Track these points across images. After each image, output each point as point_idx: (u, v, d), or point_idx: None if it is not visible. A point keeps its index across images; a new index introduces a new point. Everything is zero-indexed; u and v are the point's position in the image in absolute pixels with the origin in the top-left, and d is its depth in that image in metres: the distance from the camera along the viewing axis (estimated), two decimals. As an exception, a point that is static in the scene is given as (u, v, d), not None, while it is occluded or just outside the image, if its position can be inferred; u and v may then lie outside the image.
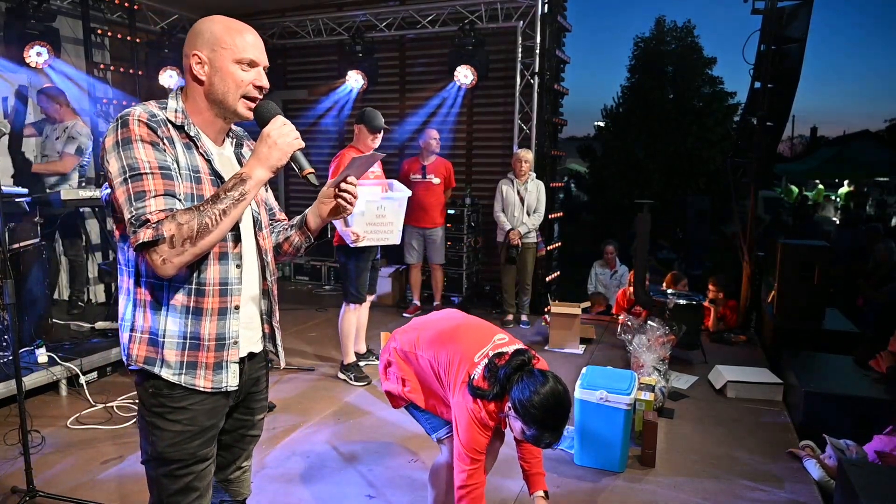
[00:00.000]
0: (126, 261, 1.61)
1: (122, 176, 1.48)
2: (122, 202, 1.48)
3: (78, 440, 3.53)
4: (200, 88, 1.61)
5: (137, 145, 1.50)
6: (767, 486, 3.11)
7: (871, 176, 18.07)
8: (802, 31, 5.26)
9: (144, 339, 1.59)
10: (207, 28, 1.61)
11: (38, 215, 4.73)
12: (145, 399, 1.62)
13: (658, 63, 17.42)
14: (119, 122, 1.52)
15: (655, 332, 4.17)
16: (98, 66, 6.18)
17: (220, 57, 1.59)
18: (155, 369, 1.59)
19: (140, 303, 1.59)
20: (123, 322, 1.63)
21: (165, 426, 1.61)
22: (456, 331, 2.37)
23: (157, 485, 1.66)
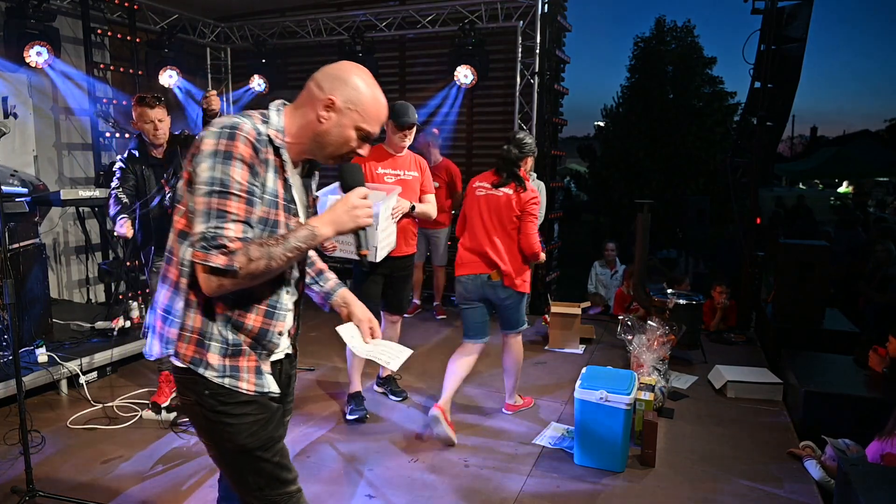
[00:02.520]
0: (184, 260, 1.60)
1: (210, 186, 1.51)
2: (200, 211, 1.51)
3: (78, 440, 3.53)
4: (315, 124, 1.65)
5: (236, 163, 1.52)
6: (767, 486, 3.11)
7: (871, 176, 18.09)
8: (802, 31, 5.26)
9: (194, 339, 1.63)
10: (356, 84, 1.65)
11: (37, 215, 4.74)
12: (204, 399, 1.64)
13: (658, 63, 17.44)
14: (227, 131, 1.53)
15: (655, 332, 4.17)
16: (98, 65, 6.17)
17: (349, 116, 1.64)
18: (199, 370, 1.62)
19: (192, 303, 1.62)
20: (171, 317, 1.64)
21: (237, 420, 1.65)
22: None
23: (251, 474, 1.69)
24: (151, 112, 3.65)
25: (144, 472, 3.18)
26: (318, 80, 1.67)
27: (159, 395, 3.92)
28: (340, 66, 1.69)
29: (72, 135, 6.28)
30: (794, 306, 4.90)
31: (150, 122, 3.67)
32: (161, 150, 3.77)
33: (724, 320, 5.74)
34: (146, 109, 3.64)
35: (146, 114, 3.65)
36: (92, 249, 6.34)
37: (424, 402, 4.12)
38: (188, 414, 1.74)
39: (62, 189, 4.87)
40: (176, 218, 1.63)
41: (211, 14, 7.51)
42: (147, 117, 3.65)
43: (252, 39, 7.51)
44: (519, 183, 3.59)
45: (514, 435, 3.65)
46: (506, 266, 3.59)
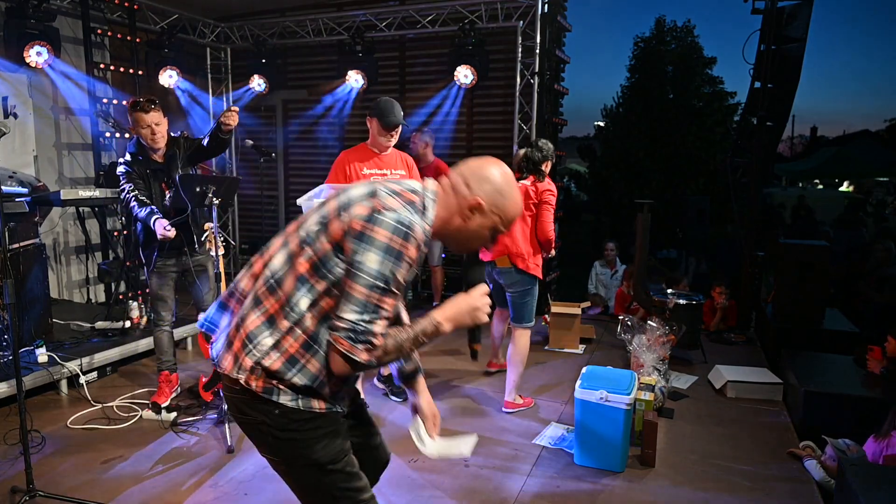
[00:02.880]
0: (292, 302, 1.61)
1: (374, 280, 1.52)
2: (357, 300, 1.52)
3: (78, 440, 3.53)
4: (457, 221, 1.69)
5: (404, 265, 1.55)
6: (767, 486, 3.11)
7: (871, 176, 18.09)
8: (802, 31, 5.26)
9: (265, 377, 1.62)
10: (502, 188, 1.68)
11: (37, 215, 4.74)
12: (273, 418, 1.64)
13: (658, 63, 17.43)
14: (402, 230, 1.54)
15: (655, 332, 4.18)
16: (98, 65, 6.17)
17: (491, 218, 1.69)
18: (272, 397, 1.62)
19: (281, 349, 1.61)
20: (252, 347, 1.62)
21: (308, 436, 1.66)
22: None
23: (324, 488, 1.71)
24: (147, 117, 3.58)
25: (144, 472, 3.18)
26: (465, 176, 1.69)
27: (159, 395, 3.92)
28: (487, 166, 1.71)
29: (72, 135, 6.28)
30: (794, 306, 4.90)
31: (147, 127, 3.61)
32: (160, 154, 3.72)
33: (723, 320, 5.74)
34: (141, 114, 3.58)
35: (142, 119, 3.58)
36: (92, 249, 6.34)
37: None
38: (250, 432, 1.71)
39: (62, 189, 4.87)
40: (300, 260, 1.62)
41: (211, 14, 7.51)
42: (143, 122, 3.59)
43: (252, 39, 7.51)
44: (538, 176, 3.95)
45: (514, 435, 3.65)
46: (517, 248, 3.84)
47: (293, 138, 8.17)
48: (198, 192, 3.48)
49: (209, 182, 3.51)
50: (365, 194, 1.62)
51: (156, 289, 3.85)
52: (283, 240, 1.72)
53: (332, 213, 1.62)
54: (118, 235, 6.10)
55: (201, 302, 4.00)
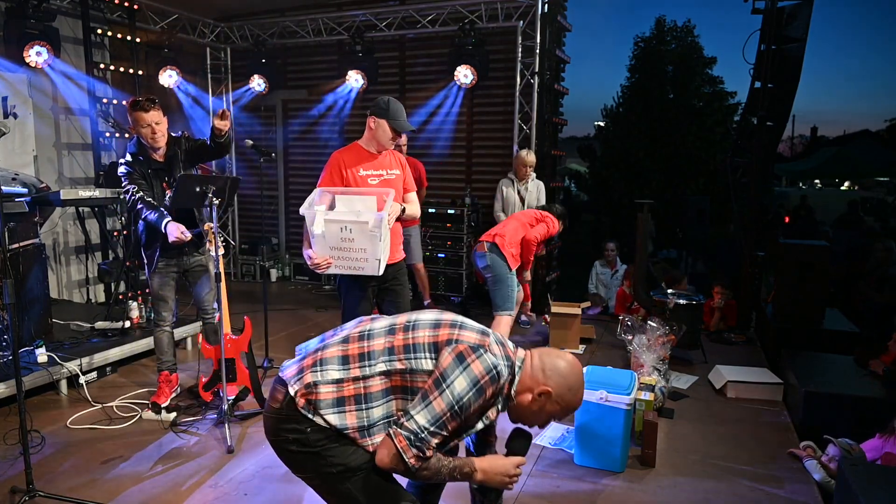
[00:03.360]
0: (371, 362, 1.77)
1: (455, 400, 1.68)
2: (434, 410, 1.68)
3: (78, 440, 3.53)
4: (528, 396, 1.85)
5: (481, 400, 1.72)
6: (767, 486, 3.11)
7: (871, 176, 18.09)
8: (802, 31, 5.26)
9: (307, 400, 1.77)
10: (571, 386, 1.88)
11: (37, 215, 4.73)
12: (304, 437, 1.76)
13: (658, 63, 17.42)
14: (494, 374, 1.72)
15: (655, 332, 4.17)
16: (98, 65, 6.17)
17: (554, 405, 1.87)
18: (308, 414, 1.76)
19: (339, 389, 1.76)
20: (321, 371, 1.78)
21: (338, 447, 1.77)
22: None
23: (360, 492, 1.79)
24: (147, 116, 3.56)
25: (144, 472, 3.18)
26: (545, 363, 1.87)
27: (159, 395, 3.92)
28: (563, 361, 1.90)
29: (72, 135, 6.28)
30: (794, 306, 4.90)
31: (147, 126, 3.58)
32: (161, 153, 3.70)
33: (723, 320, 5.74)
34: (141, 114, 3.55)
35: (142, 118, 3.56)
36: (92, 249, 6.34)
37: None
38: (283, 453, 1.83)
39: (62, 189, 4.87)
40: (398, 336, 1.80)
41: (211, 14, 7.51)
42: (143, 121, 3.57)
43: (252, 39, 7.51)
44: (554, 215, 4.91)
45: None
46: (503, 235, 4.53)
47: (293, 138, 8.17)
48: (198, 192, 3.47)
49: (209, 182, 3.50)
50: (479, 329, 1.83)
51: (157, 289, 3.84)
52: (389, 324, 1.87)
53: (446, 321, 1.82)
54: (118, 235, 6.10)
55: (202, 302, 4.00)
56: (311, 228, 3.18)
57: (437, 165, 7.03)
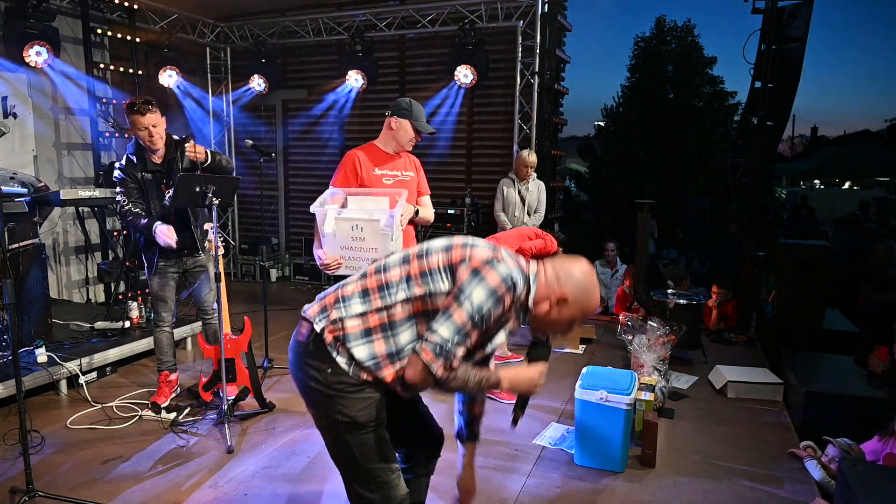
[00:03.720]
0: (391, 292, 1.83)
1: (471, 311, 1.73)
2: (454, 322, 1.73)
3: (78, 440, 3.53)
4: (545, 306, 1.87)
5: (500, 310, 1.77)
6: (767, 486, 3.10)
7: (871, 176, 18.09)
8: (803, 31, 5.26)
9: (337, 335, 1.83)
10: (586, 289, 1.88)
11: (37, 215, 4.73)
12: (325, 376, 1.84)
13: (658, 63, 17.42)
14: (510, 282, 1.76)
15: (655, 332, 4.17)
16: (98, 65, 6.17)
17: (571, 310, 1.88)
18: (332, 354, 1.84)
19: (365, 321, 1.84)
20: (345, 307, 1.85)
21: (352, 398, 1.85)
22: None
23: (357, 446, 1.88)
24: (143, 119, 3.53)
25: (144, 472, 3.17)
26: (558, 272, 1.89)
27: (159, 395, 3.92)
28: (576, 265, 1.91)
29: (71, 135, 6.28)
30: (794, 306, 4.90)
31: (145, 129, 3.56)
32: (160, 155, 3.68)
33: (723, 320, 5.74)
34: (137, 117, 3.53)
35: (138, 121, 3.53)
36: (91, 249, 6.34)
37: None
38: (302, 387, 1.92)
39: (62, 189, 4.87)
40: (413, 263, 1.85)
41: (211, 14, 7.50)
42: (140, 124, 3.54)
43: (252, 39, 7.51)
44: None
45: (514, 435, 3.65)
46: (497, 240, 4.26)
47: (293, 138, 8.17)
48: (198, 192, 3.47)
49: (209, 182, 3.50)
50: (489, 245, 1.86)
51: (157, 290, 3.84)
52: (403, 255, 1.92)
53: (457, 244, 1.86)
54: (118, 235, 6.10)
55: (202, 302, 4.00)
56: (322, 227, 3.16)
57: (437, 165, 7.02)
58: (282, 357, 4.84)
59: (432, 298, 1.81)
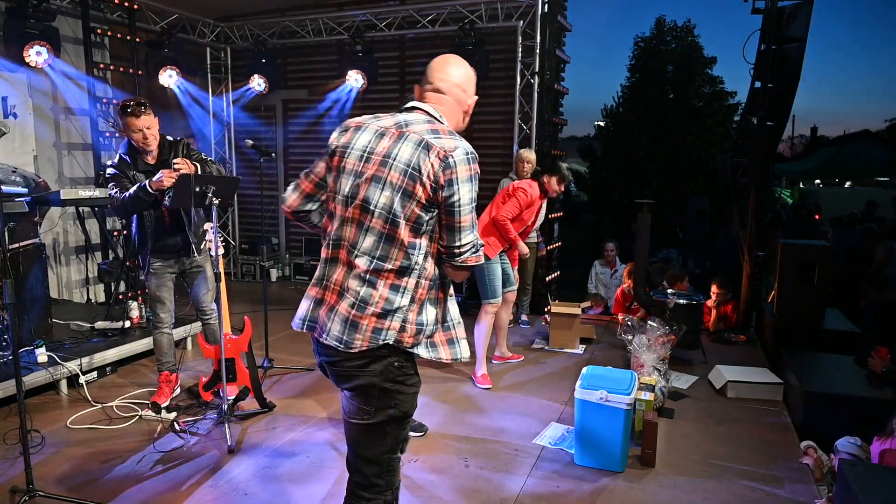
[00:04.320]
0: (412, 265, 1.84)
1: (470, 206, 1.84)
2: (467, 226, 1.84)
3: (78, 440, 3.53)
4: (460, 126, 2.02)
5: (478, 183, 1.87)
6: (767, 486, 3.11)
7: (871, 176, 18.07)
8: (802, 31, 5.26)
9: (413, 329, 1.87)
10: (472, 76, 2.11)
11: (37, 215, 4.73)
12: (389, 372, 1.87)
13: (658, 63, 17.42)
14: (470, 156, 1.83)
15: (655, 332, 4.17)
16: (98, 65, 6.17)
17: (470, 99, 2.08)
18: (418, 350, 1.90)
19: (416, 299, 1.87)
20: (391, 312, 1.84)
21: (409, 390, 1.92)
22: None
23: (391, 438, 1.93)
24: (138, 121, 3.51)
25: (144, 472, 3.18)
26: (458, 84, 2.08)
27: (159, 395, 3.92)
28: (460, 64, 2.13)
29: (72, 135, 6.28)
30: (794, 306, 4.90)
31: (139, 131, 3.54)
32: (153, 156, 3.67)
33: (723, 320, 5.74)
34: (132, 119, 3.50)
35: (132, 123, 3.52)
36: (92, 249, 6.34)
37: (423, 402, 4.12)
38: (363, 389, 1.89)
39: (62, 189, 4.87)
40: (399, 231, 1.82)
41: (211, 14, 7.51)
42: (134, 126, 3.52)
43: (252, 39, 7.51)
44: (534, 177, 4.63)
45: (514, 435, 3.65)
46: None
47: (293, 138, 8.18)
48: (197, 192, 3.46)
49: (209, 182, 3.50)
50: (418, 147, 1.81)
51: (153, 290, 3.83)
52: (357, 225, 1.86)
53: (403, 181, 1.80)
54: (118, 235, 6.10)
55: (199, 302, 3.99)
56: None
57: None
58: (282, 357, 4.84)
59: (435, 229, 1.87)
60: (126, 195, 3.51)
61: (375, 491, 1.94)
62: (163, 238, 3.72)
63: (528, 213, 4.54)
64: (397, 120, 1.89)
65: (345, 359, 1.87)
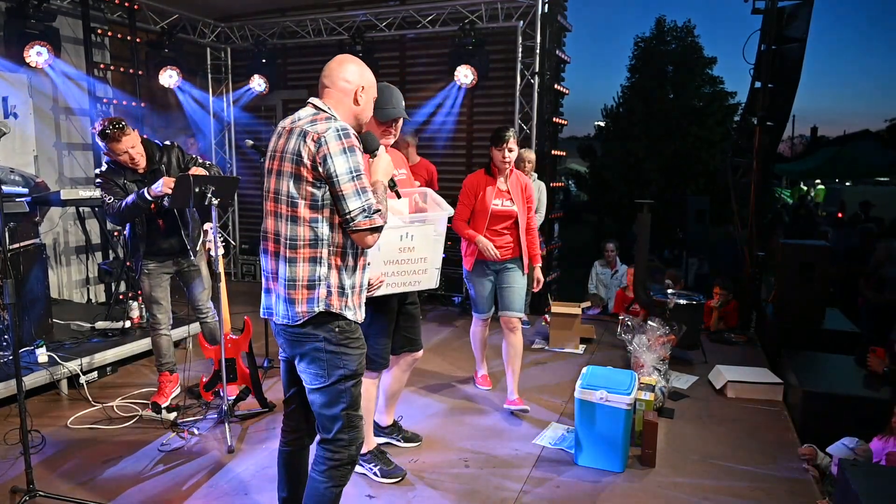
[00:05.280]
0: (318, 237, 2.08)
1: (349, 173, 2.03)
2: (351, 193, 2.03)
3: (78, 440, 3.53)
4: (354, 108, 2.23)
5: (357, 152, 2.06)
6: (767, 486, 3.11)
7: (870, 176, 18.07)
8: (802, 31, 5.26)
9: (337, 291, 2.12)
10: (365, 69, 2.29)
11: (38, 215, 4.73)
12: (332, 337, 2.12)
13: (658, 63, 17.44)
14: (342, 132, 2.05)
15: (655, 332, 4.17)
16: (98, 65, 6.17)
17: (368, 93, 2.26)
18: (345, 313, 2.13)
19: (332, 266, 2.11)
20: (316, 282, 2.10)
21: (352, 351, 2.17)
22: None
23: (347, 395, 2.17)
24: (120, 145, 3.46)
25: (144, 472, 3.18)
26: (341, 78, 2.23)
27: (159, 395, 3.92)
28: (346, 61, 2.29)
29: (72, 135, 6.28)
30: (794, 306, 4.90)
31: (124, 154, 3.49)
32: (142, 167, 3.62)
33: (723, 320, 5.74)
34: (115, 144, 3.44)
35: (117, 148, 3.46)
36: (92, 249, 6.34)
37: (423, 402, 4.12)
38: (310, 356, 2.15)
39: (62, 189, 4.87)
40: (299, 211, 2.07)
41: (211, 14, 7.51)
42: (119, 150, 3.47)
43: (252, 39, 7.51)
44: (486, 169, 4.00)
45: (514, 435, 3.65)
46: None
47: (293, 138, 8.16)
48: (197, 193, 3.46)
49: (209, 182, 3.49)
50: (299, 137, 2.07)
51: (148, 291, 3.82)
52: (274, 215, 2.15)
53: (292, 168, 2.07)
54: (118, 235, 6.10)
55: (196, 302, 4.00)
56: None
57: (437, 166, 7.01)
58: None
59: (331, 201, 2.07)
60: (123, 204, 3.50)
61: (340, 445, 2.20)
62: (157, 241, 3.71)
63: (482, 201, 3.85)
64: (292, 118, 2.18)
65: (294, 329, 2.14)
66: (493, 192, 3.87)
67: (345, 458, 2.21)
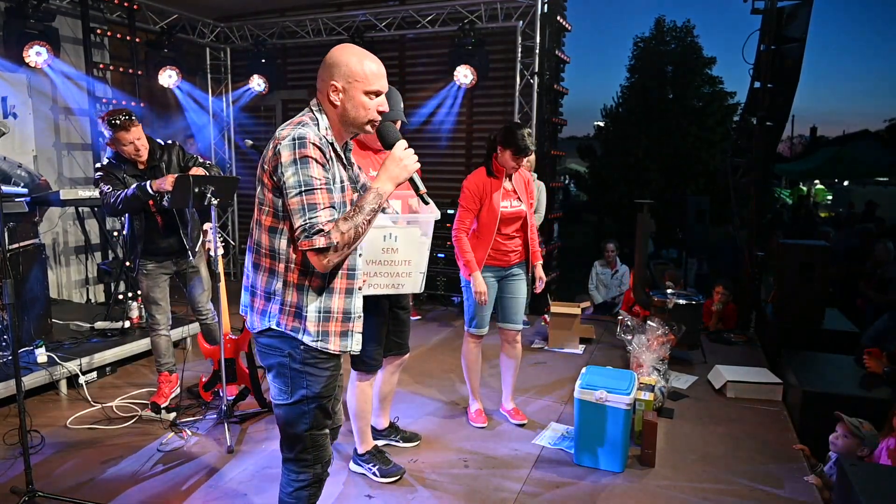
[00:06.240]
0: (275, 249, 1.93)
1: (295, 188, 1.82)
2: (296, 209, 1.82)
3: (78, 440, 3.53)
4: (335, 111, 1.96)
5: (312, 164, 1.83)
6: (767, 487, 3.11)
7: (870, 176, 18.08)
8: (802, 31, 5.26)
9: (292, 311, 1.94)
10: (344, 61, 1.96)
11: (37, 215, 4.73)
12: (296, 353, 1.96)
13: (658, 63, 17.44)
14: (297, 142, 1.83)
15: (655, 332, 4.17)
16: (97, 65, 6.17)
17: (353, 88, 1.93)
18: (298, 336, 1.94)
19: (289, 283, 1.93)
20: (271, 295, 1.95)
21: (319, 373, 1.99)
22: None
23: (310, 416, 2.02)
24: (129, 134, 3.44)
25: (144, 472, 3.18)
26: (320, 78, 1.98)
27: (159, 395, 3.92)
28: (329, 54, 2.01)
29: (71, 135, 6.28)
30: (794, 306, 4.90)
31: (130, 144, 3.48)
32: (142, 161, 3.61)
33: (722, 321, 5.73)
34: (123, 133, 3.43)
35: (124, 137, 3.45)
36: (91, 249, 6.34)
37: (423, 402, 4.12)
38: (275, 370, 2.01)
39: (62, 189, 4.87)
40: (262, 217, 1.94)
41: (211, 14, 7.50)
42: (125, 140, 3.46)
43: (252, 39, 7.51)
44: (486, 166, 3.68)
45: (514, 435, 3.65)
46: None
47: (293, 138, 8.16)
48: (197, 193, 3.45)
49: (208, 182, 3.49)
50: (271, 141, 1.92)
51: (147, 292, 3.81)
52: (254, 219, 2.02)
53: (260, 173, 1.93)
54: (118, 235, 6.10)
55: (196, 302, 3.99)
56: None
57: (436, 165, 7.03)
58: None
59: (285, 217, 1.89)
60: (123, 194, 3.47)
61: (304, 465, 2.09)
62: (155, 240, 3.70)
63: (489, 207, 3.54)
64: (283, 125, 2.00)
65: (259, 338, 2.02)
66: (500, 195, 3.56)
67: (310, 478, 2.11)
